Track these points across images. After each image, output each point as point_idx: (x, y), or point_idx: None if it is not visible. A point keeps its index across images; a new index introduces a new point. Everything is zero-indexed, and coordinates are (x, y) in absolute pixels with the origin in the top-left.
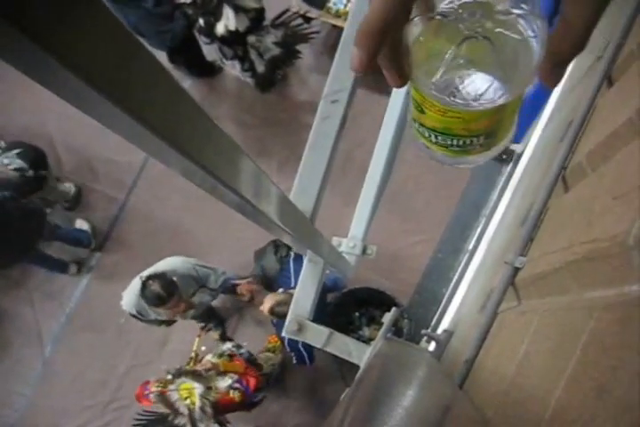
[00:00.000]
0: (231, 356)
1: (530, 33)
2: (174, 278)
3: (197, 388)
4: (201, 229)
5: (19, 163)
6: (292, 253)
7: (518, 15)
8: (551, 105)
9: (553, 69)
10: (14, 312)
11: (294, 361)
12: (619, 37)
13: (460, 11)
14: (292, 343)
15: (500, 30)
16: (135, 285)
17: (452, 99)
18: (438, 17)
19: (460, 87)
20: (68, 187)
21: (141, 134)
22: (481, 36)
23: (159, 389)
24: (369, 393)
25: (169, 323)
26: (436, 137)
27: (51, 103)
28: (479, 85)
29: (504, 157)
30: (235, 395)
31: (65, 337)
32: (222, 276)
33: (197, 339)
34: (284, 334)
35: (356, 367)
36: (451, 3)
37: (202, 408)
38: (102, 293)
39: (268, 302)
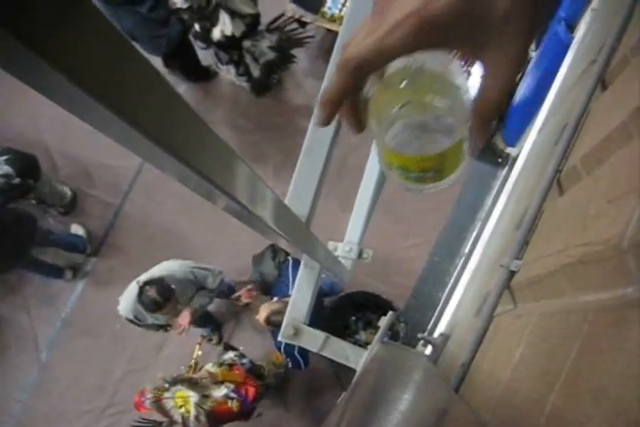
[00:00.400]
0: (231, 365)
1: (463, 96)
2: (173, 286)
3: (193, 396)
4: (197, 234)
5: (5, 169)
6: (291, 259)
7: (456, 84)
8: (546, 109)
9: (480, 128)
10: (10, 318)
11: (289, 365)
12: (613, 40)
13: (403, 79)
14: (289, 349)
15: (434, 97)
16: (132, 289)
17: (398, 146)
18: (385, 83)
19: (404, 137)
20: (64, 190)
21: (136, 139)
22: (416, 102)
23: (155, 396)
24: (365, 397)
25: (167, 328)
26: (396, 169)
27: (47, 108)
28: (419, 136)
29: (499, 160)
30: (233, 405)
31: (61, 343)
32: (219, 275)
33: (197, 346)
34: (280, 338)
35: (353, 372)
36: (396, 73)
37: (196, 417)
38: (98, 298)
39: (264, 311)
